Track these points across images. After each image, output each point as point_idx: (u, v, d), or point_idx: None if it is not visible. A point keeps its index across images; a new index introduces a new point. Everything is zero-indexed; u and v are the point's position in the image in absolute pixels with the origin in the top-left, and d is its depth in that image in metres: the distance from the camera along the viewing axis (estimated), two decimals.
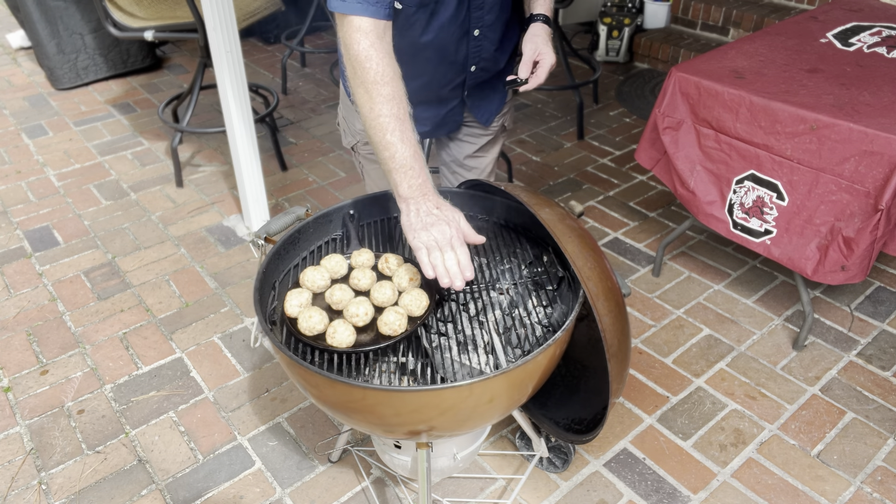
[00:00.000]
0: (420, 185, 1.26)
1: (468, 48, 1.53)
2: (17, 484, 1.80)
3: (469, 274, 1.23)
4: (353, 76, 1.29)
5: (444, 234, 1.23)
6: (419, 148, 1.28)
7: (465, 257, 1.23)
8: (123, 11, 2.91)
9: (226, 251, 2.65)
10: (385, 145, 1.26)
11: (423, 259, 1.23)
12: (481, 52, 1.56)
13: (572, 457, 1.82)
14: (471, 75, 1.60)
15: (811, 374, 2.08)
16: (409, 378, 1.29)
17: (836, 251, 1.86)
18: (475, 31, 1.50)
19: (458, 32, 1.49)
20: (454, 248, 1.23)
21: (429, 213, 1.26)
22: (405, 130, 1.26)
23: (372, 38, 1.26)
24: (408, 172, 1.26)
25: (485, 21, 1.49)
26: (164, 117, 3.12)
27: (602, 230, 2.74)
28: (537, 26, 1.56)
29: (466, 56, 1.55)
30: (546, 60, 1.53)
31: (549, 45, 1.56)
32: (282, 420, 1.96)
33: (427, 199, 1.27)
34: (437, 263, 1.22)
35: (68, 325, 2.30)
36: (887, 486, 1.76)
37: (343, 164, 3.23)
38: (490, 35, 1.53)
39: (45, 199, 2.97)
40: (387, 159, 1.27)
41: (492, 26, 1.52)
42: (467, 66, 1.58)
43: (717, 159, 2.05)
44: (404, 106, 1.28)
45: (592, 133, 3.47)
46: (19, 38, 4.45)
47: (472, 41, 1.52)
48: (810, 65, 2.11)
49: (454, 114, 1.72)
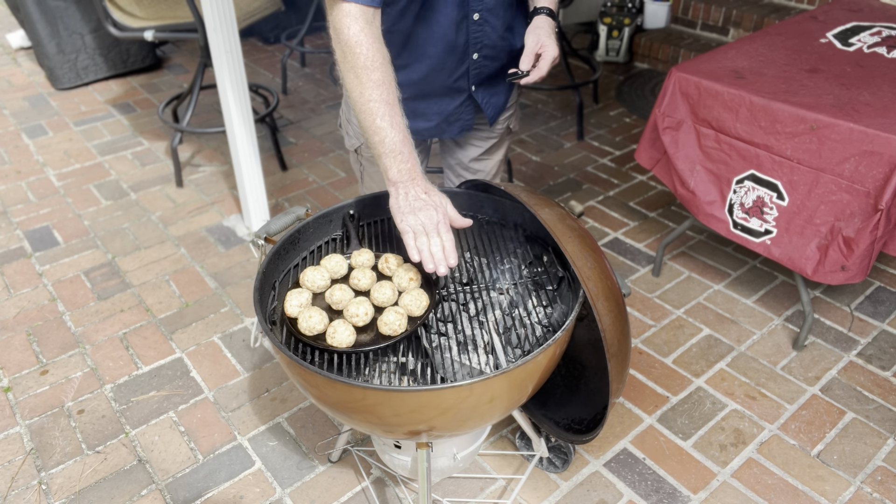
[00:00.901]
0: (409, 169, 1.30)
1: (468, 33, 1.50)
2: (17, 484, 1.80)
3: (453, 261, 1.26)
4: (343, 61, 1.30)
5: (430, 218, 1.27)
6: (408, 133, 1.31)
7: (449, 244, 1.27)
8: (123, 11, 2.91)
9: (226, 251, 2.65)
10: (375, 130, 1.29)
11: (409, 242, 1.27)
12: (483, 39, 1.52)
13: (572, 457, 1.82)
14: (474, 63, 1.57)
15: (811, 374, 2.08)
16: (409, 378, 1.29)
17: (836, 251, 1.86)
18: (474, 14, 1.47)
19: (456, 14, 1.45)
20: (440, 234, 1.27)
21: (417, 198, 1.29)
22: (394, 115, 1.29)
23: (361, 24, 1.28)
24: (397, 157, 1.29)
25: (485, 3, 1.46)
26: (164, 117, 3.12)
27: (602, 230, 2.74)
28: (541, 19, 1.55)
29: (467, 42, 1.51)
30: (548, 53, 1.51)
31: (553, 38, 1.53)
32: (282, 420, 1.96)
33: (415, 184, 1.30)
34: (423, 248, 1.26)
35: (68, 325, 2.30)
36: (887, 486, 1.76)
37: (343, 164, 3.23)
38: (491, 20, 1.50)
39: (45, 199, 2.97)
40: (377, 144, 1.30)
41: (493, 10, 1.48)
42: (469, 53, 1.54)
43: (717, 159, 2.05)
44: (394, 91, 1.31)
45: (592, 133, 3.47)
46: (19, 38, 4.45)
47: (473, 25, 1.48)
48: (810, 65, 2.11)
49: (463, 111, 1.68)
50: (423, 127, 1.69)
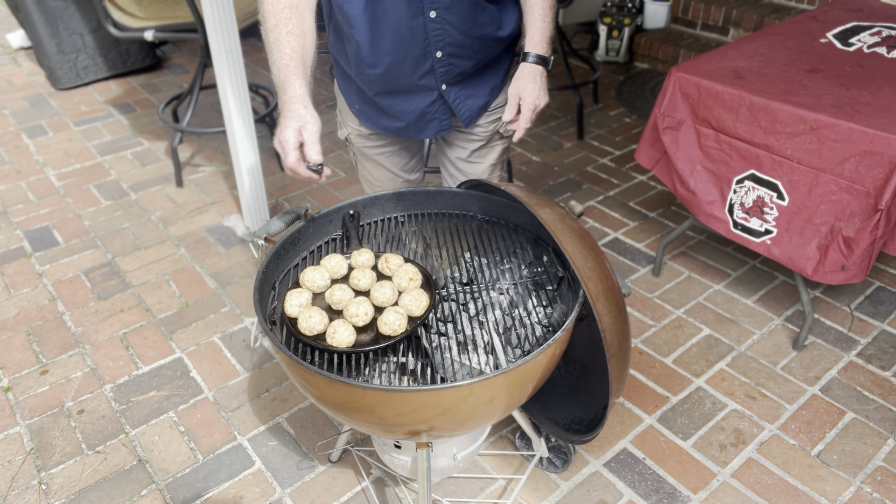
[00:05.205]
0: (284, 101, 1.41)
1: (426, 30, 1.48)
2: (17, 484, 1.80)
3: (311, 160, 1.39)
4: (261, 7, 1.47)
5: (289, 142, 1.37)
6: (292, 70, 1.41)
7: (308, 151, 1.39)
8: (123, 11, 2.91)
9: (226, 251, 2.65)
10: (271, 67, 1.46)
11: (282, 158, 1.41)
12: (444, 37, 1.50)
13: (572, 457, 1.82)
14: (439, 62, 1.54)
15: (811, 374, 2.08)
16: (409, 378, 1.29)
17: (837, 251, 1.86)
18: (430, 12, 1.45)
19: (405, 11, 1.44)
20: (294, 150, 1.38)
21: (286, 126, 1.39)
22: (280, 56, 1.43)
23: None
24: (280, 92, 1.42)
25: (440, 2, 1.44)
26: (164, 117, 3.12)
27: (602, 230, 2.74)
28: (524, 67, 1.54)
29: (426, 39, 1.49)
30: (527, 102, 1.51)
31: (535, 84, 1.52)
32: (282, 420, 1.96)
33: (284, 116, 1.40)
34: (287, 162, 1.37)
35: (68, 325, 2.30)
36: (887, 486, 1.76)
37: (343, 164, 3.23)
38: (451, 18, 1.47)
39: (45, 199, 2.97)
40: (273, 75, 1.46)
41: (450, 9, 1.46)
42: (430, 51, 1.52)
43: (718, 159, 2.05)
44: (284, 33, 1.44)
45: (592, 133, 3.47)
46: (19, 38, 4.45)
47: (430, 23, 1.47)
48: (810, 65, 2.11)
49: (437, 111, 1.65)
50: (394, 126, 1.68)
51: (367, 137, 1.78)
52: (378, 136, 1.77)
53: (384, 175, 1.86)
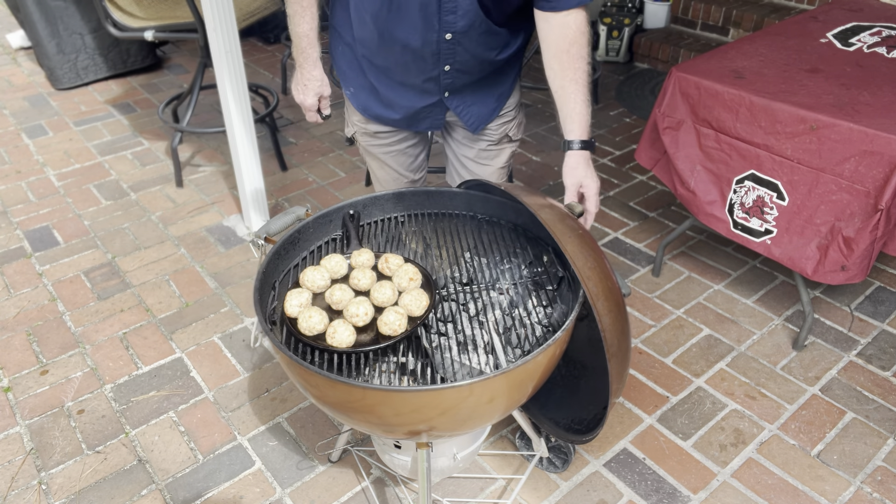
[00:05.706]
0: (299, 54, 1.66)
1: (439, 47, 1.50)
2: (17, 484, 1.80)
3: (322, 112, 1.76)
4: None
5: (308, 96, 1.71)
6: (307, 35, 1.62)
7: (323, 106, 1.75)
8: (123, 11, 2.91)
9: (226, 251, 2.65)
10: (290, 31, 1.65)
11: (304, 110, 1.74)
12: (456, 56, 1.52)
13: (572, 457, 1.82)
14: (446, 74, 1.56)
15: (811, 374, 2.08)
16: (409, 378, 1.29)
17: (837, 251, 1.86)
18: (446, 34, 1.47)
19: (421, 25, 1.45)
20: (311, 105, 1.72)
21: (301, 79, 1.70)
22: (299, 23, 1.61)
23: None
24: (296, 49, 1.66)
25: (457, 27, 1.46)
26: (164, 117, 3.12)
27: (602, 230, 2.74)
28: (574, 156, 1.51)
29: (438, 54, 1.51)
30: (590, 190, 1.49)
31: (590, 170, 1.51)
32: (282, 420, 1.96)
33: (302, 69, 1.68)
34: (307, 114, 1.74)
35: (68, 325, 2.30)
36: (887, 486, 1.76)
37: (343, 164, 3.23)
38: (465, 42, 1.49)
39: (45, 199, 2.97)
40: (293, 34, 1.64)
41: (466, 34, 1.48)
42: (439, 64, 1.54)
43: (718, 159, 2.05)
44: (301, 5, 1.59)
45: (592, 133, 3.46)
46: (19, 38, 4.45)
47: (445, 43, 1.49)
48: (810, 65, 2.11)
49: (432, 112, 1.67)
50: (390, 118, 1.70)
51: (373, 136, 1.79)
52: (382, 134, 1.78)
53: (389, 174, 1.88)
